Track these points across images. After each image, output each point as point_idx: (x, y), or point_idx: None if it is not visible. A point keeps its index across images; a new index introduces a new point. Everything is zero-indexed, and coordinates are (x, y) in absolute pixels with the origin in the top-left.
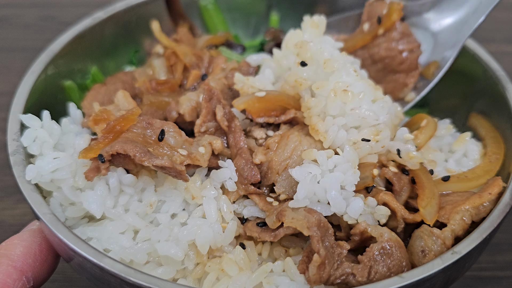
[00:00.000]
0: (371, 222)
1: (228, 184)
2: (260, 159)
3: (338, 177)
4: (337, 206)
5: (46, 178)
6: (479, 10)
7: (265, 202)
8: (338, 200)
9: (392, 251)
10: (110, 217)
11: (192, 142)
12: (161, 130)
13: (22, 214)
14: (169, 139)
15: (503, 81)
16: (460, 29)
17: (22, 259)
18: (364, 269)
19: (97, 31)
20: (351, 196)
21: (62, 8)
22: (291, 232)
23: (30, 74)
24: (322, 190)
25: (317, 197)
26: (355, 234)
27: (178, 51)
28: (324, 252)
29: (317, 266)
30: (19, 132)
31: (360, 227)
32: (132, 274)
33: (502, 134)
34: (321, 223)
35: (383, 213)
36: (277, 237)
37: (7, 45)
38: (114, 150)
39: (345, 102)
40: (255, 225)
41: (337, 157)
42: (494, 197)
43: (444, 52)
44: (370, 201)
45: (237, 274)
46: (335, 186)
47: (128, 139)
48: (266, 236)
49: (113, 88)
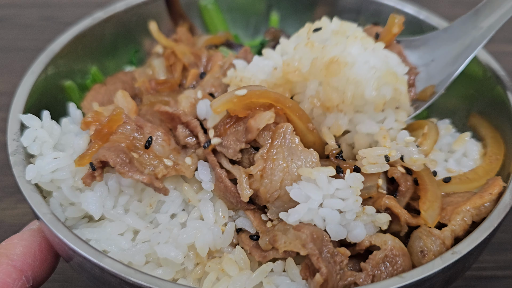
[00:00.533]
0: (372, 229)
1: (203, 185)
2: (246, 194)
3: (339, 205)
4: (336, 236)
5: (46, 178)
6: (472, 45)
7: (259, 221)
8: (338, 230)
9: (395, 260)
10: (110, 218)
11: (180, 151)
12: (149, 137)
13: (22, 214)
14: (156, 147)
15: (503, 81)
16: (453, 63)
17: (21, 259)
18: (367, 278)
19: (97, 31)
20: (351, 223)
21: (62, 8)
22: (281, 256)
23: (30, 74)
24: (321, 219)
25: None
26: (360, 249)
27: (177, 51)
28: (325, 270)
29: (320, 285)
30: (19, 132)
31: (364, 243)
32: (132, 274)
33: (502, 134)
34: (314, 235)
35: (384, 221)
36: (266, 259)
37: (7, 45)
38: (99, 157)
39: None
40: (248, 238)
41: (339, 182)
42: (495, 197)
43: (438, 81)
44: (369, 209)
45: (237, 274)
46: (335, 218)
47: (113, 146)
48: (256, 254)
49: (113, 88)
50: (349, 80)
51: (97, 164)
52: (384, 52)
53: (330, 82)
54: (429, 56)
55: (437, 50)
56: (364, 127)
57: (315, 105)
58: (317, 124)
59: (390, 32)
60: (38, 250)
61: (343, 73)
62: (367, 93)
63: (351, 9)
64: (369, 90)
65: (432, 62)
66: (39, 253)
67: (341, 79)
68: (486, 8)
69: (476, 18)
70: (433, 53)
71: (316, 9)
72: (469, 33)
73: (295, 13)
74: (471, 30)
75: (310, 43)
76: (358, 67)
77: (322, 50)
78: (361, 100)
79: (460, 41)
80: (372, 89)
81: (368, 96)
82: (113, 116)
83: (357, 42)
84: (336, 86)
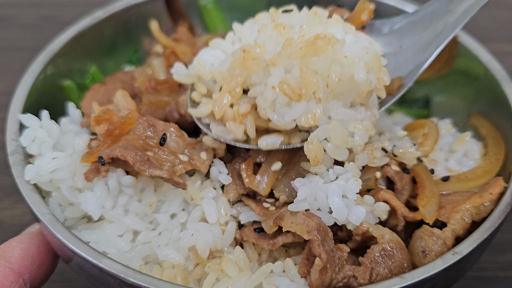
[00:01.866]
0: (371, 220)
1: (221, 178)
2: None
3: (340, 185)
4: (338, 213)
5: (45, 178)
6: (444, 32)
7: (262, 208)
8: (340, 206)
9: (393, 253)
10: (109, 219)
11: (195, 146)
12: (163, 134)
13: (21, 215)
14: (170, 143)
15: (504, 81)
16: (423, 51)
17: (19, 261)
18: (366, 271)
19: (96, 31)
20: (353, 203)
21: (61, 8)
22: (290, 240)
23: (29, 73)
24: (324, 196)
25: (318, 203)
26: (357, 234)
27: (178, 51)
28: (325, 256)
29: (319, 270)
30: (18, 132)
31: (362, 228)
32: (131, 274)
33: (503, 134)
34: (321, 227)
35: (382, 209)
36: (276, 246)
37: (6, 44)
38: (114, 154)
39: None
40: (252, 230)
41: (339, 168)
42: (495, 197)
43: (407, 72)
44: (368, 199)
45: (237, 275)
46: (336, 192)
47: (128, 144)
48: (263, 244)
49: (112, 88)
50: (335, 61)
51: (108, 160)
52: (367, 37)
53: (310, 64)
54: (396, 42)
55: (406, 36)
56: (340, 113)
57: (285, 93)
58: (281, 116)
59: (358, 18)
60: (36, 253)
61: (330, 52)
62: (357, 75)
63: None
64: (359, 72)
65: (400, 50)
66: (37, 256)
67: (325, 59)
68: None
69: (450, 1)
70: (401, 39)
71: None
72: (441, 17)
73: None
74: (444, 14)
75: (279, 26)
76: (349, 46)
77: (301, 30)
78: (347, 85)
79: (431, 27)
80: (361, 72)
81: (358, 79)
82: (127, 119)
83: (338, 24)
84: (315, 69)
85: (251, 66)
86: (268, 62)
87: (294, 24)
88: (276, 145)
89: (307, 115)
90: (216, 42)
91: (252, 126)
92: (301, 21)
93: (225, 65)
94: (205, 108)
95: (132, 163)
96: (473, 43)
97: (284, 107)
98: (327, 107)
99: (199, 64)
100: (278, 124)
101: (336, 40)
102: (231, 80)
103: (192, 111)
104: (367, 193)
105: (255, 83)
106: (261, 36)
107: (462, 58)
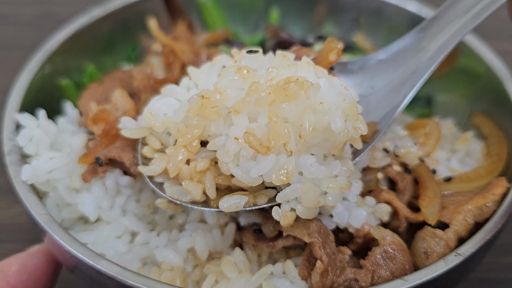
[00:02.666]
0: (373, 222)
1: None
2: None
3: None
4: (339, 217)
5: (42, 178)
6: (418, 71)
7: (261, 211)
8: (340, 210)
9: (394, 254)
10: (107, 219)
11: None
12: None
13: (17, 215)
14: None
15: (506, 80)
16: (396, 93)
17: (16, 276)
18: (367, 274)
19: (94, 29)
20: (354, 206)
21: (59, 5)
22: (290, 243)
23: (26, 72)
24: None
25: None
26: (358, 236)
27: (177, 49)
28: (326, 259)
29: (320, 273)
30: (15, 131)
31: (363, 230)
32: (129, 276)
33: (505, 133)
34: (321, 229)
35: (384, 211)
36: (276, 248)
37: (3, 42)
38: (110, 155)
39: None
40: (252, 232)
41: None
42: (498, 197)
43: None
44: (369, 200)
45: (236, 276)
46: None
47: (126, 145)
48: (263, 245)
49: (110, 87)
50: (308, 107)
51: (105, 161)
52: (341, 82)
53: (280, 112)
54: (367, 83)
55: (377, 76)
56: (314, 171)
57: (251, 145)
58: (245, 172)
59: (326, 59)
60: (33, 269)
61: (303, 98)
62: (334, 124)
63: (352, 7)
64: (336, 121)
65: (372, 91)
66: (34, 272)
67: (298, 106)
68: (433, 26)
69: (422, 37)
70: (372, 80)
71: (317, 5)
72: (414, 56)
73: (295, 9)
74: (417, 52)
75: (242, 69)
76: (324, 92)
77: (268, 73)
78: (321, 135)
79: (404, 66)
80: (339, 120)
81: (335, 128)
82: None
83: (310, 68)
84: (286, 118)
85: (210, 115)
86: (230, 110)
87: (259, 67)
88: (240, 206)
89: (278, 171)
90: (169, 88)
91: (212, 185)
92: (267, 64)
93: (180, 114)
94: (158, 166)
95: (129, 165)
96: (475, 42)
97: (250, 161)
98: (299, 161)
99: (150, 115)
100: (243, 181)
101: (310, 84)
102: (186, 132)
103: (142, 169)
104: (369, 194)
105: (215, 134)
106: (222, 81)
107: (464, 56)
